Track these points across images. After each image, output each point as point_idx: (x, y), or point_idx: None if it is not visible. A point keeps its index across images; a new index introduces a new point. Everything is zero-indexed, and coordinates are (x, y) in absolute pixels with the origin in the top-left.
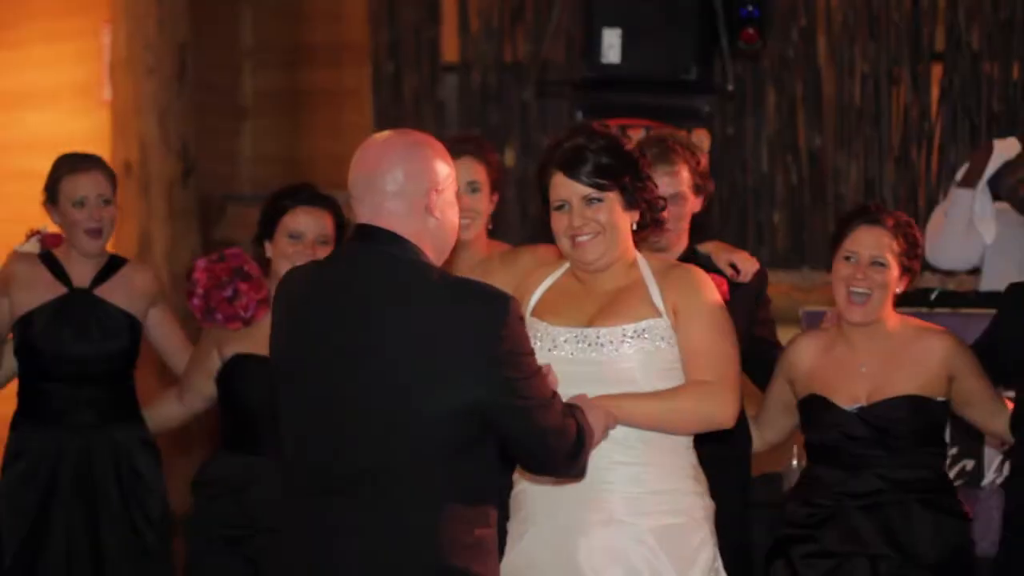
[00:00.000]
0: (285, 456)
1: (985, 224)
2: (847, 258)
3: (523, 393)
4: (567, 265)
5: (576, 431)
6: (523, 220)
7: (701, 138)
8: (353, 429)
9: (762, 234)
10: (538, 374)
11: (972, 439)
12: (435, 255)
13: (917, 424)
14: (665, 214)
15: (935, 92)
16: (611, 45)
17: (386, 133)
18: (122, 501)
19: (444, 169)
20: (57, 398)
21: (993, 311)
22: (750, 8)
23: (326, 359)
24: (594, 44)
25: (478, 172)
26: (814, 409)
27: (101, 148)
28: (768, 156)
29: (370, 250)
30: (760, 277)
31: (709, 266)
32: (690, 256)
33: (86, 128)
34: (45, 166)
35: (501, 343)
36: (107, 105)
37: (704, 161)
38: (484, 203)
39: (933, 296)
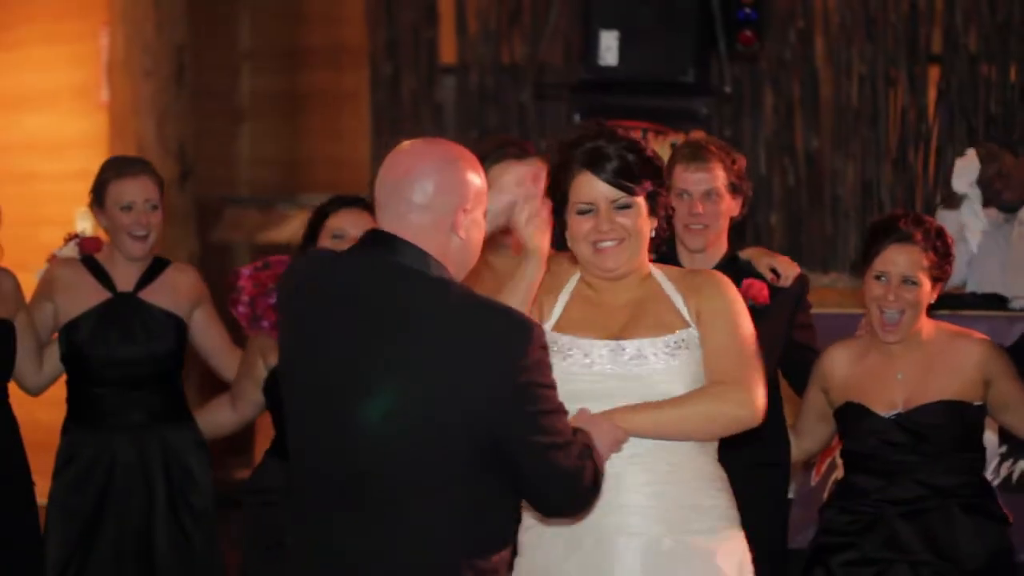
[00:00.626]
0: (291, 456)
1: (974, 234)
2: (877, 277)
3: (540, 429)
4: (578, 274)
5: (592, 475)
6: None
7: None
8: (357, 442)
9: (759, 235)
10: (559, 411)
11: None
12: (455, 272)
13: (955, 429)
14: (700, 208)
15: (932, 94)
16: (609, 47)
17: (421, 140)
18: (171, 502)
19: (477, 187)
20: (107, 402)
21: (989, 313)
22: (747, 10)
23: (336, 369)
24: (592, 46)
25: None
26: (851, 417)
27: (99, 150)
28: (766, 157)
29: (389, 261)
30: (801, 282)
31: (750, 271)
32: (731, 261)
33: (84, 130)
34: (42, 168)
35: (521, 373)
36: (105, 107)
37: (741, 162)
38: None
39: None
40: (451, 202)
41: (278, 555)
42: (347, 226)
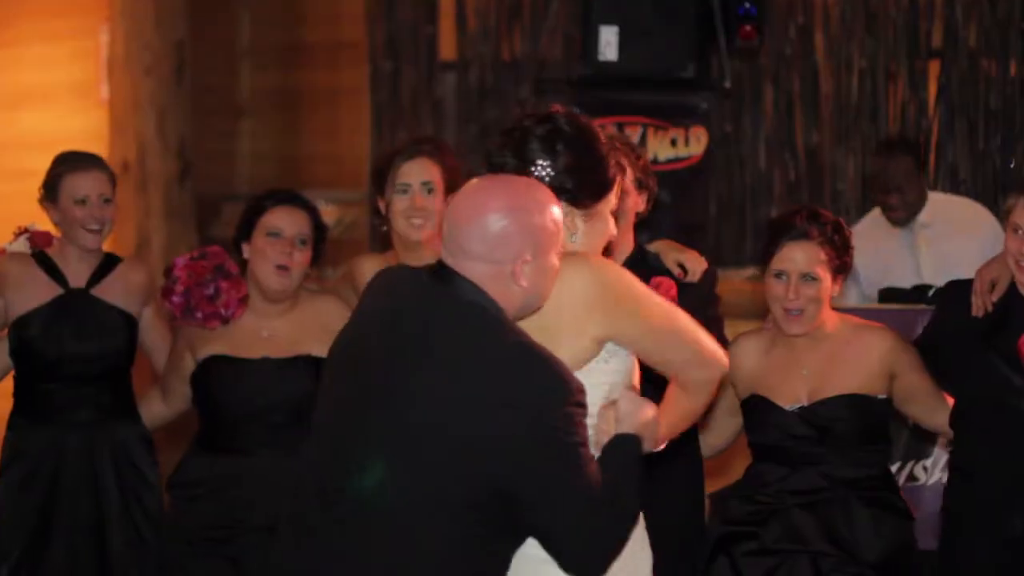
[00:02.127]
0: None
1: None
2: (777, 275)
3: (558, 481)
4: None
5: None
6: None
7: (699, 135)
8: (361, 462)
9: (760, 231)
10: (582, 468)
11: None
12: (515, 314)
13: (858, 422)
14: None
15: (932, 89)
16: (608, 43)
17: (490, 180)
18: (123, 499)
19: (542, 233)
20: (57, 398)
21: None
22: (747, 6)
23: (360, 388)
24: (591, 42)
25: (432, 172)
26: (756, 410)
27: (98, 147)
28: (766, 153)
29: (442, 292)
30: (709, 276)
31: (658, 266)
32: (638, 255)
33: (83, 127)
34: (42, 165)
35: (544, 430)
36: (104, 104)
37: (646, 158)
38: (439, 203)
39: (930, 293)
40: (509, 254)
41: (200, 550)
42: (282, 224)
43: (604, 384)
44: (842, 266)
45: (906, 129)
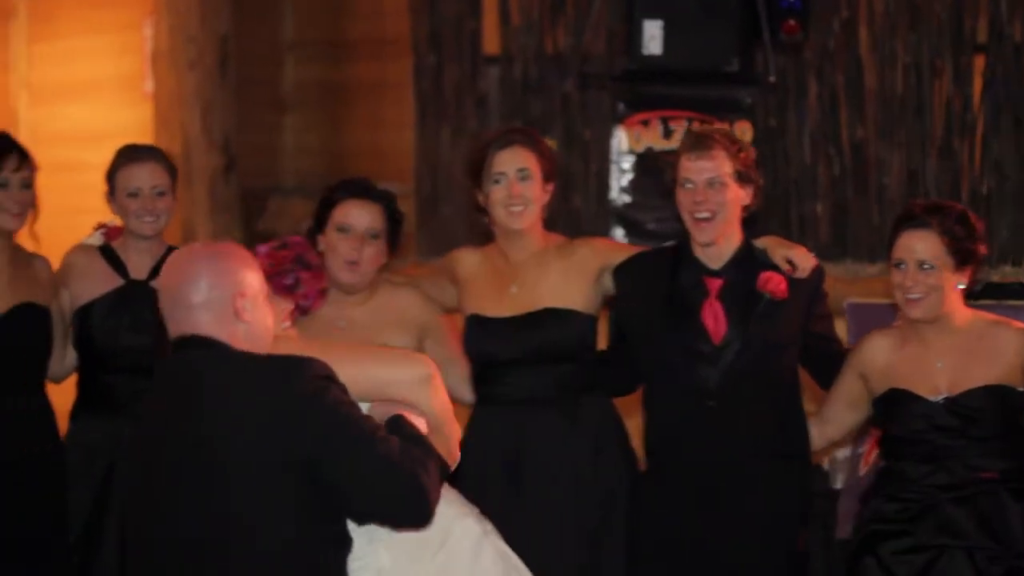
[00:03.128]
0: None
1: None
2: (897, 265)
3: (344, 437)
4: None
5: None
6: (566, 212)
7: (744, 130)
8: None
9: (805, 226)
10: (358, 420)
11: None
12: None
13: (1001, 413)
14: (703, 196)
15: (978, 83)
16: (652, 37)
17: (186, 248)
18: None
19: (250, 274)
20: (118, 390)
21: None
22: (791, 0)
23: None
24: (635, 36)
25: (528, 159)
26: (897, 402)
27: (143, 141)
28: (811, 148)
29: (189, 356)
30: (817, 272)
31: (766, 262)
32: (746, 251)
33: (129, 121)
34: (88, 158)
35: (302, 400)
36: (149, 98)
37: (750, 152)
38: (536, 191)
39: (978, 288)
40: (227, 293)
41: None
42: (352, 219)
43: None
44: (967, 255)
45: (951, 123)
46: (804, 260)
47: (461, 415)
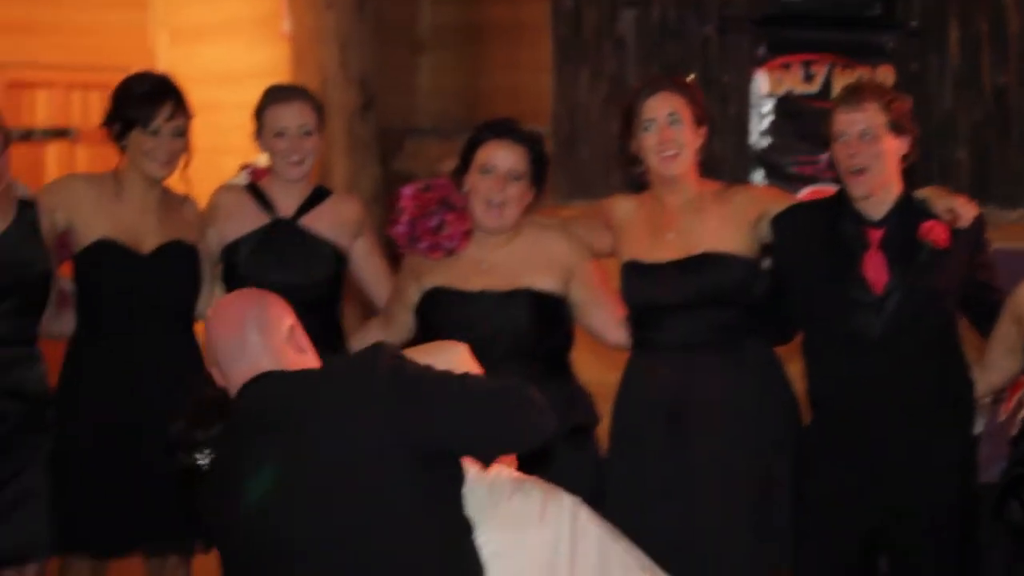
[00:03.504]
0: None
1: None
2: None
3: (438, 389)
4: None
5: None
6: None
7: (886, 74)
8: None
9: (946, 172)
10: (446, 376)
11: None
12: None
13: None
14: (856, 149)
15: None
16: None
17: (216, 306)
18: None
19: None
20: None
21: None
22: None
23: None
24: None
25: (677, 104)
26: None
27: (281, 80)
28: (952, 93)
29: (273, 379)
30: (979, 221)
31: (928, 212)
32: (906, 202)
33: (265, 61)
34: (225, 98)
35: (385, 381)
36: (286, 37)
37: (904, 103)
38: (687, 135)
39: None
40: (277, 318)
41: None
42: (495, 160)
43: None
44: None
45: None
46: (966, 209)
47: (614, 360)
